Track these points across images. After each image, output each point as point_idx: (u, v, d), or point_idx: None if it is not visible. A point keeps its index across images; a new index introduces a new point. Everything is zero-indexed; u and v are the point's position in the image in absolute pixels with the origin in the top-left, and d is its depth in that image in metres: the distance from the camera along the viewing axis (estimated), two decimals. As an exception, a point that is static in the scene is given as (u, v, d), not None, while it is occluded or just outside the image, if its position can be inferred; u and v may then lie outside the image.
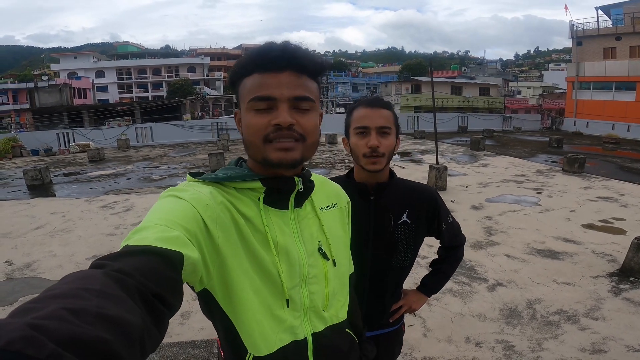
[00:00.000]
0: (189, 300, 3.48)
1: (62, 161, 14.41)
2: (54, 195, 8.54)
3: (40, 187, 9.34)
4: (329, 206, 0.96)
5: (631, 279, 3.94)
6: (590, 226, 5.74)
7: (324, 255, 0.88)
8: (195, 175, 0.82)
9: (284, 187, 0.83)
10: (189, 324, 3.22)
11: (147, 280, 0.50)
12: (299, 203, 0.86)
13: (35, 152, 16.55)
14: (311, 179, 0.91)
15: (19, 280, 4.19)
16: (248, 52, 0.81)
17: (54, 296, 0.40)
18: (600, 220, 6.00)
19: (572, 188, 8.28)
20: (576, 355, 2.75)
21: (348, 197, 1.06)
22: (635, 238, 4.12)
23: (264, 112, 0.76)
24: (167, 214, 0.66)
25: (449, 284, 3.91)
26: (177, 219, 0.66)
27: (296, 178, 0.84)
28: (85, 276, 0.46)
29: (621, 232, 5.50)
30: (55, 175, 10.87)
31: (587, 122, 23.06)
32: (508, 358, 2.76)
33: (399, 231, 1.34)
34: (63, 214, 6.84)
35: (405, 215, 1.35)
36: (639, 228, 5.50)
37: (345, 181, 1.38)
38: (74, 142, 17.68)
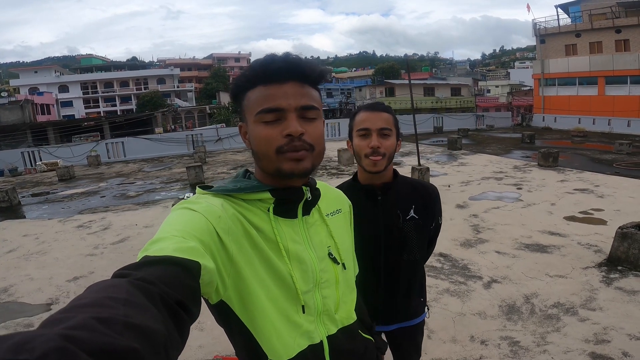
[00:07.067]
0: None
1: (29, 181, 13.71)
2: (24, 217, 8.12)
3: (8, 209, 8.85)
4: (334, 212, 0.98)
5: (619, 268, 4.03)
6: (572, 218, 5.89)
7: (334, 260, 0.90)
8: (205, 187, 0.82)
9: (292, 197, 0.83)
10: (186, 343, 3.07)
11: (169, 289, 0.50)
12: (306, 211, 0.88)
13: (-1, 173, 15.77)
14: (316, 187, 0.93)
15: (-3, 305, 3.93)
16: (250, 66, 0.80)
17: (83, 305, 0.41)
18: (580, 212, 6.17)
19: (550, 182, 8.52)
20: (581, 347, 2.77)
21: (349, 201, 1.07)
22: (619, 227, 4.23)
23: (273, 124, 0.76)
24: (182, 226, 0.67)
25: (445, 284, 3.90)
26: (192, 230, 0.66)
27: (304, 187, 0.85)
28: (110, 285, 0.47)
29: (602, 222, 5.66)
30: (23, 196, 10.35)
31: (555, 117, 23.94)
32: (515, 354, 2.75)
33: (408, 227, 1.41)
34: (36, 235, 6.49)
35: (412, 211, 1.41)
36: (618, 217, 5.67)
37: (352, 184, 1.44)
38: (41, 160, 16.85)
